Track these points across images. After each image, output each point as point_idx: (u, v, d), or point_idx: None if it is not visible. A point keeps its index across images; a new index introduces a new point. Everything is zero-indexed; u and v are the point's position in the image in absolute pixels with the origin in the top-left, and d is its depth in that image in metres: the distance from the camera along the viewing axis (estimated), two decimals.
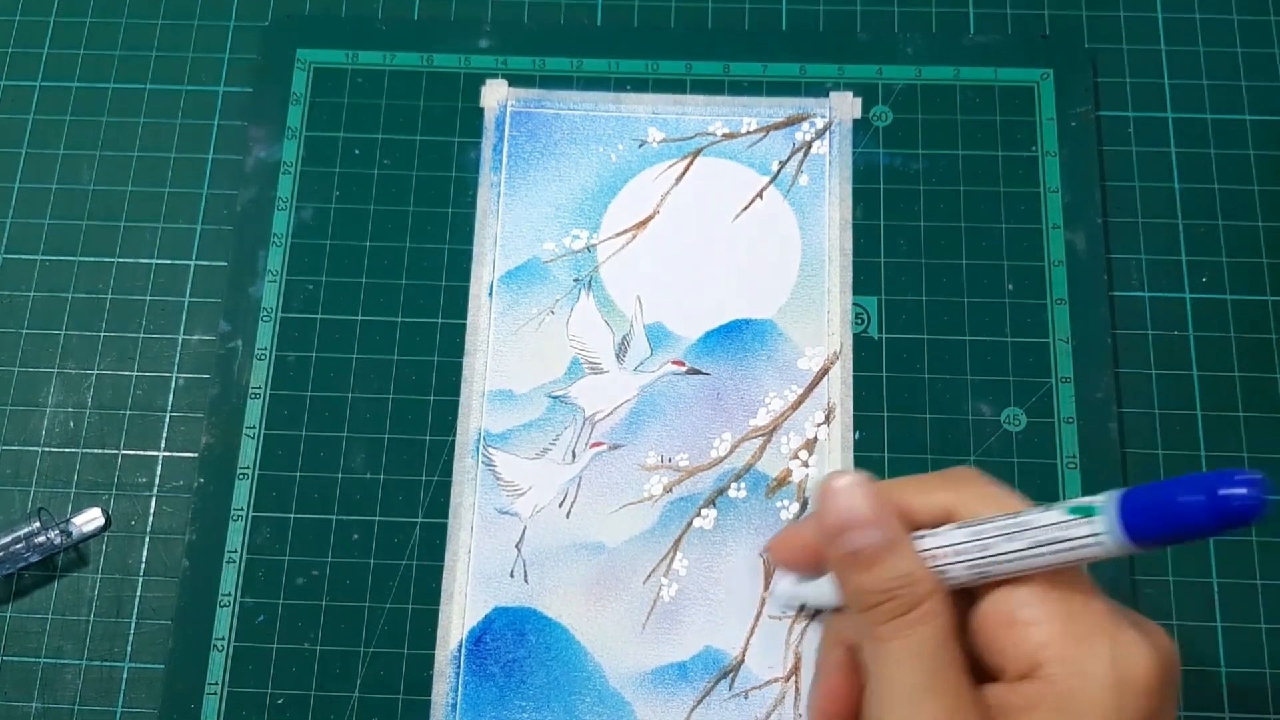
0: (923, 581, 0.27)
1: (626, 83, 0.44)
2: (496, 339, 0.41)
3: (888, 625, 0.27)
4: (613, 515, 0.39)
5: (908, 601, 0.27)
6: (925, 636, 0.27)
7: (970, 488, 0.29)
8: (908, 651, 0.27)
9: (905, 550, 0.28)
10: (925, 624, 0.27)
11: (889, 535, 0.28)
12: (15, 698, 0.38)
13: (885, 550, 0.28)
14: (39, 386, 0.42)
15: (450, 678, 0.38)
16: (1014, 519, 0.27)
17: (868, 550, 0.28)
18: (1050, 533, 0.26)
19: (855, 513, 0.28)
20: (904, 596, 0.27)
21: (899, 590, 0.27)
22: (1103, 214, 0.42)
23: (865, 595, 0.28)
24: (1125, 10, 0.45)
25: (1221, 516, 0.23)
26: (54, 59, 0.46)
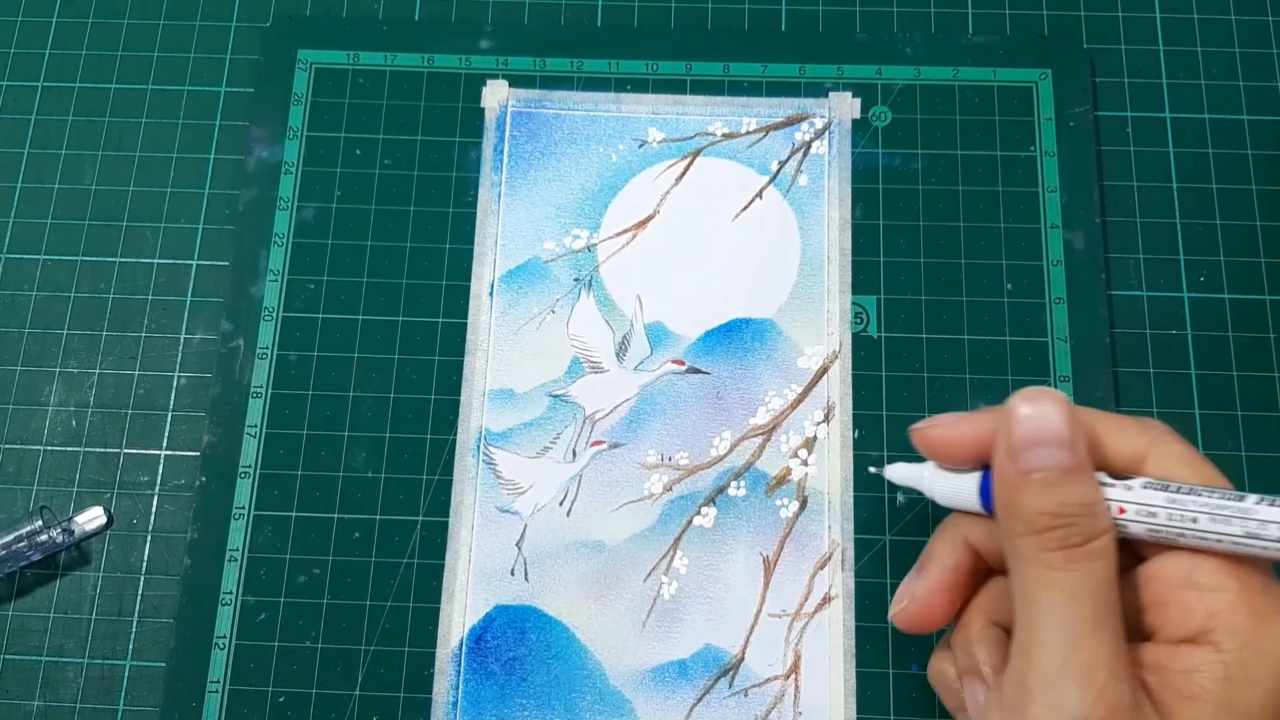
0: (1100, 516, 0.26)
1: (626, 83, 0.44)
2: (497, 338, 0.42)
3: (1058, 553, 0.26)
4: (613, 514, 0.40)
5: (1084, 532, 0.26)
6: (1097, 572, 0.26)
7: (1168, 443, 0.28)
8: (1078, 586, 0.26)
9: (1091, 479, 0.27)
10: (1099, 560, 0.26)
11: (1079, 459, 0.27)
12: (17, 696, 0.38)
13: (1074, 474, 0.27)
14: (41, 386, 0.42)
15: (451, 676, 0.38)
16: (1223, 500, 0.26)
17: (1056, 470, 0.27)
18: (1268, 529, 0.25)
19: (1051, 429, 0.27)
20: (1079, 527, 0.26)
21: (1079, 518, 0.26)
22: (1101, 214, 0.43)
23: (1039, 517, 0.27)
24: (1124, 10, 0.46)
25: None
26: (56, 59, 0.46)
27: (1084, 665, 0.25)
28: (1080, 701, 0.25)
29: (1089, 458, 0.27)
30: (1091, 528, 0.26)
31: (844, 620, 0.38)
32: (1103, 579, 0.26)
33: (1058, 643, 0.26)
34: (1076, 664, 0.25)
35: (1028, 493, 0.27)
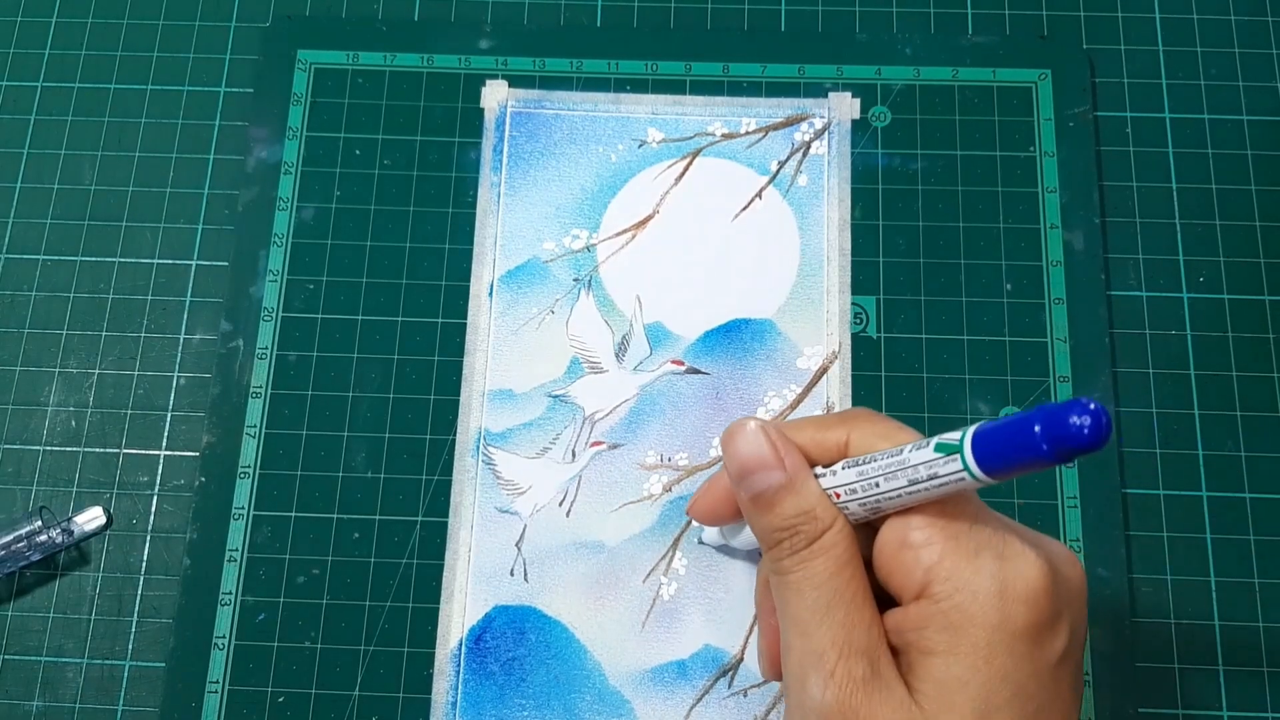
0: (823, 516, 0.28)
1: (626, 83, 0.44)
2: (496, 338, 0.42)
3: (789, 559, 0.28)
4: (612, 514, 0.40)
5: (808, 535, 0.28)
6: (821, 566, 0.28)
7: (863, 424, 0.30)
8: (805, 580, 0.28)
9: (805, 488, 0.29)
10: (822, 554, 0.28)
11: (790, 474, 0.29)
12: (16, 696, 0.38)
13: (785, 489, 0.29)
14: (41, 386, 0.42)
15: (450, 676, 0.38)
16: (891, 459, 0.27)
17: (769, 490, 0.29)
18: (921, 470, 0.26)
19: (756, 455, 0.29)
20: (805, 531, 0.28)
21: (800, 525, 0.28)
22: (1100, 214, 0.43)
23: (771, 534, 0.29)
24: (1123, 11, 0.46)
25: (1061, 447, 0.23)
26: (55, 59, 0.46)
27: (815, 652, 0.27)
28: (818, 686, 0.27)
29: (801, 467, 0.29)
30: (813, 529, 0.28)
31: None
32: (829, 567, 0.28)
33: (796, 638, 0.28)
34: (809, 653, 0.27)
35: (757, 516, 0.30)
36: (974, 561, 0.26)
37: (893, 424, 0.30)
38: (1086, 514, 0.39)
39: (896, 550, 0.28)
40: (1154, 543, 0.39)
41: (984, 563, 0.26)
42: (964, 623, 0.26)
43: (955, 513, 0.27)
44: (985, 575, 0.26)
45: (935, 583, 0.27)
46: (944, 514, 0.27)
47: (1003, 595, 0.26)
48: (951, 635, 0.26)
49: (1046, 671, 0.26)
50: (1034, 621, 0.26)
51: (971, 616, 0.26)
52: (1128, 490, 0.40)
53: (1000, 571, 0.26)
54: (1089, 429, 0.23)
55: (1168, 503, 0.40)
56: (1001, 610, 0.26)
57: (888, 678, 0.27)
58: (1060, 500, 0.39)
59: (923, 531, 0.27)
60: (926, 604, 0.27)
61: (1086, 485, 0.39)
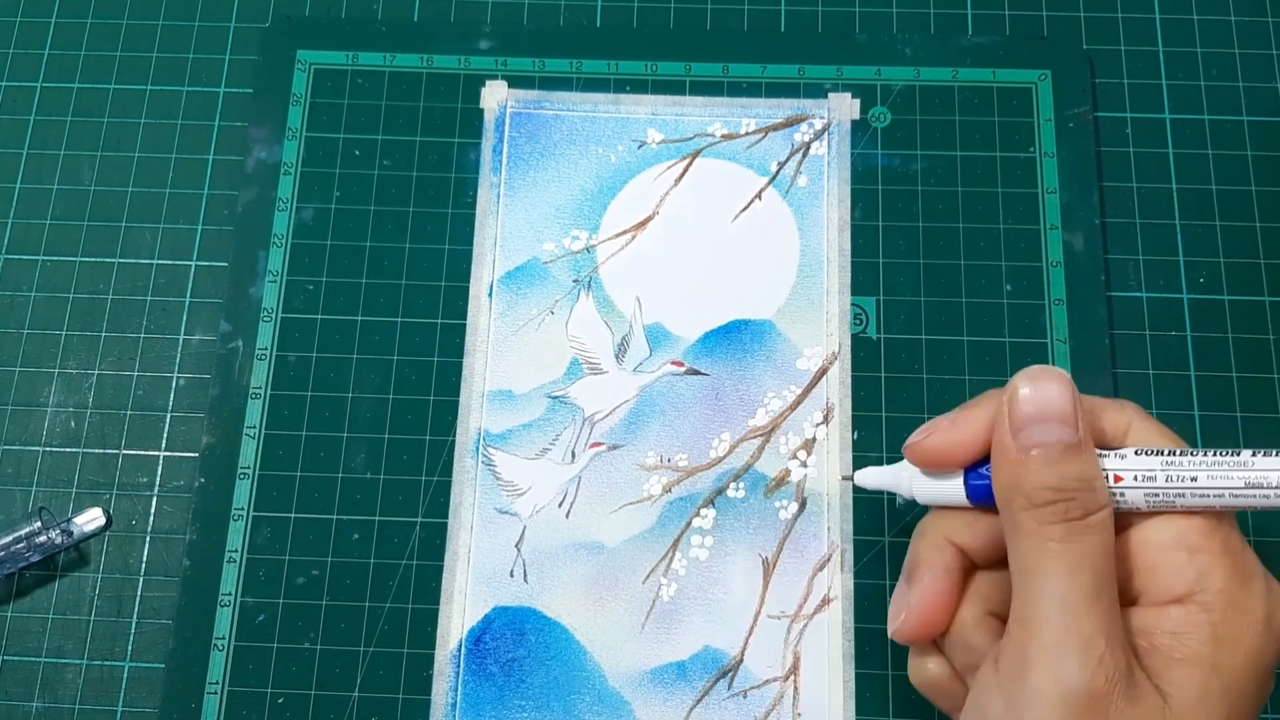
0: (1099, 491, 0.27)
1: (626, 84, 0.44)
2: (496, 339, 0.42)
3: (1059, 526, 0.27)
4: (612, 515, 0.40)
5: (1084, 506, 0.27)
6: (1097, 545, 0.27)
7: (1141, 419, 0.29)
8: (1078, 558, 0.26)
9: (1092, 455, 0.28)
10: (1098, 533, 0.27)
11: (1081, 435, 0.27)
12: (16, 697, 0.38)
13: (1075, 450, 0.27)
14: (40, 386, 0.42)
15: (450, 677, 0.38)
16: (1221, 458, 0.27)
17: (1058, 447, 0.27)
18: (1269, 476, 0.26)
19: (1055, 405, 0.28)
20: (1079, 502, 0.27)
21: (1079, 493, 0.27)
22: (1100, 215, 0.43)
23: (1040, 492, 0.27)
24: (1123, 11, 0.46)
25: None
26: (55, 60, 0.46)
27: (1085, 635, 0.26)
28: (1082, 670, 0.25)
29: (1089, 435, 0.28)
30: (1091, 502, 0.27)
31: (843, 622, 0.38)
32: (1102, 551, 0.27)
33: (1059, 613, 0.26)
34: (1078, 634, 0.26)
35: (1029, 468, 0.27)
36: (1250, 585, 0.26)
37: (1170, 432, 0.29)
38: None
39: (1165, 549, 0.27)
40: None
41: (1259, 590, 0.26)
42: (1231, 639, 0.26)
43: (1230, 529, 0.27)
44: (1258, 600, 0.26)
45: (1206, 593, 0.26)
46: (1220, 525, 0.27)
47: (1268, 624, 0.26)
48: (1215, 648, 0.26)
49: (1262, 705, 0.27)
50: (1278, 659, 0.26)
51: (1239, 636, 0.26)
52: None
53: (1271, 602, 0.26)
54: None
55: None
56: (1266, 639, 0.26)
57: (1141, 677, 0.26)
58: None
59: (1199, 538, 0.27)
60: (1193, 611, 0.26)
61: None
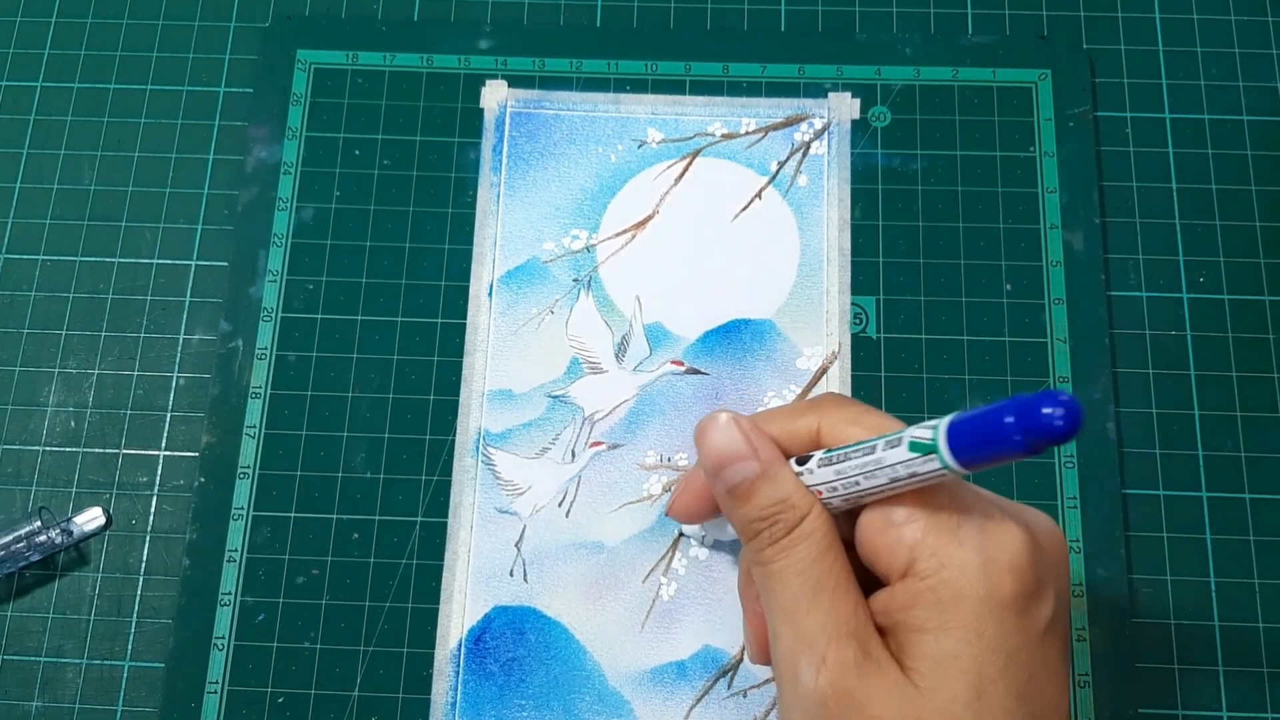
0: (799, 504, 0.29)
1: (626, 83, 0.44)
2: (496, 339, 0.42)
3: (770, 549, 0.29)
4: (612, 515, 0.40)
5: (786, 524, 0.28)
6: (803, 553, 0.28)
7: (832, 411, 0.30)
8: (788, 569, 0.28)
9: (779, 476, 0.29)
10: (802, 541, 0.28)
11: (763, 464, 0.29)
12: (16, 696, 0.38)
13: (760, 480, 0.29)
14: (40, 386, 0.42)
15: (450, 676, 0.38)
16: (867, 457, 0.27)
17: (745, 482, 0.29)
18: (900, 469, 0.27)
19: (729, 448, 0.29)
20: (783, 520, 0.29)
21: (778, 514, 0.29)
22: (1100, 214, 0.43)
23: (749, 525, 0.29)
24: (1123, 11, 0.46)
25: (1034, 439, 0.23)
26: (55, 59, 0.46)
27: (805, 640, 0.27)
28: (807, 673, 0.27)
29: (774, 457, 0.30)
30: (791, 518, 0.29)
31: None
32: (810, 554, 0.28)
33: (782, 626, 0.28)
34: (799, 640, 0.27)
35: (734, 508, 0.30)
36: (956, 535, 0.27)
37: (860, 407, 0.30)
38: (1086, 514, 0.39)
39: (879, 531, 0.28)
40: (1154, 543, 0.39)
41: (966, 536, 0.27)
42: (952, 597, 0.26)
43: (934, 490, 0.27)
44: (969, 548, 0.26)
45: (920, 559, 0.27)
46: (923, 491, 0.27)
47: (987, 567, 0.26)
48: (940, 611, 0.26)
49: (1036, 640, 0.27)
50: (1020, 591, 0.26)
51: (959, 591, 0.26)
52: (1128, 491, 0.40)
53: (983, 544, 0.26)
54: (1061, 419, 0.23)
55: (1168, 503, 0.40)
56: (988, 582, 0.26)
57: (880, 658, 0.27)
58: (1060, 500, 0.39)
59: (904, 510, 0.27)
60: (913, 581, 0.27)
61: (1086, 486, 0.39)
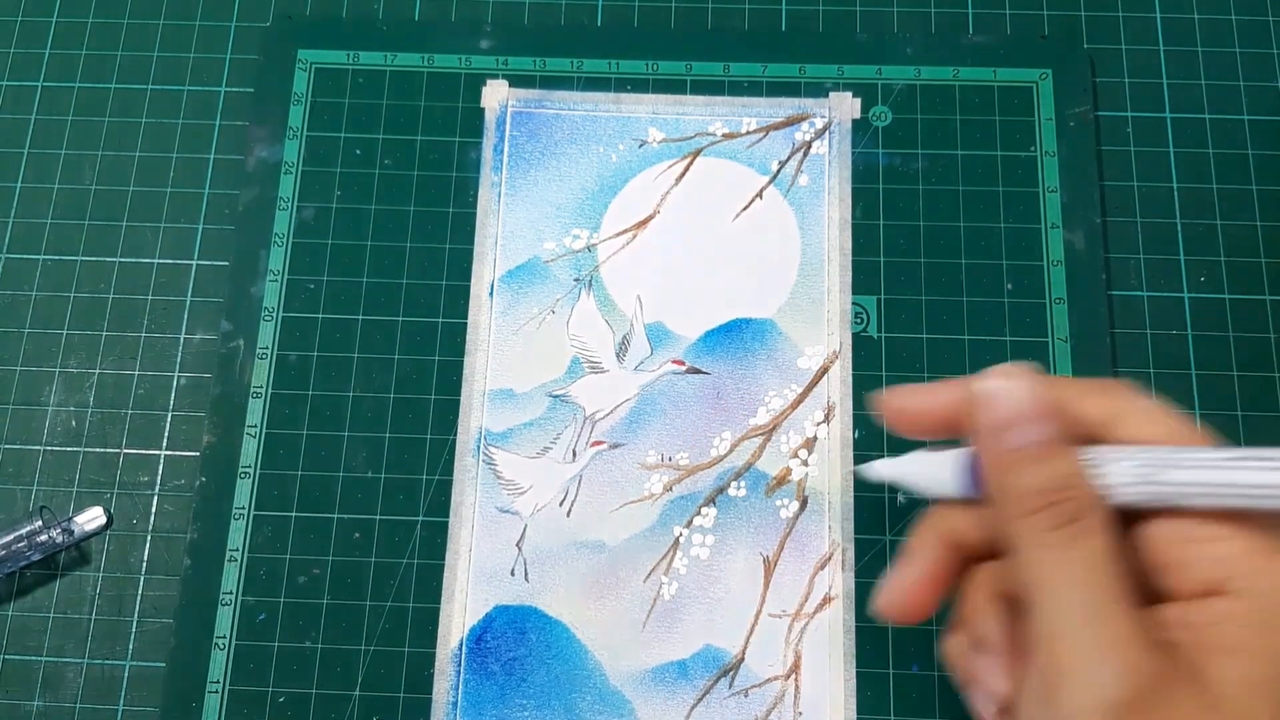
0: (1089, 490, 0.26)
1: (627, 83, 0.44)
2: (497, 338, 0.42)
3: (1053, 534, 0.26)
4: (613, 514, 0.40)
5: (1072, 510, 0.26)
6: (1097, 548, 0.26)
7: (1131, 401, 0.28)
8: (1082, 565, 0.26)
9: (1069, 453, 0.27)
10: (1096, 535, 0.26)
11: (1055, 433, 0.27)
12: (17, 696, 0.38)
13: (1050, 450, 0.26)
14: (41, 386, 0.42)
15: (451, 676, 0.38)
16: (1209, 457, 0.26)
17: (1032, 448, 0.26)
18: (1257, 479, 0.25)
19: (1028, 404, 0.27)
20: (1069, 504, 0.26)
21: (1066, 495, 0.26)
22: (1101, 214, 0.43)
23: (1025, 498, 0.26)
24: (1124, 11, 0.46)
25: None
26: (56, 59, 0.46)
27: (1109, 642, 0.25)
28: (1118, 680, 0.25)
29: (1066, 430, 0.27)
30: (1078, 504, 0.26)
31: (844, 620, 0.38)
32: (1106, 552, 0.26)
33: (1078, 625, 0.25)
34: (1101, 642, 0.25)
35: (1014, 472, 0.27)
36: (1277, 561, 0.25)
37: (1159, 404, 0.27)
38: None
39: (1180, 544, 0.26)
40: None
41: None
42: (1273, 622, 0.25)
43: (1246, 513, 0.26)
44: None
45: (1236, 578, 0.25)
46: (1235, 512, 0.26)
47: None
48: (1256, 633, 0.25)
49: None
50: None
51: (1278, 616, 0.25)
52: None
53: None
54: None
55: None
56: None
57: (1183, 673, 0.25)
58: None
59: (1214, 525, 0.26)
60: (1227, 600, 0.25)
61: None
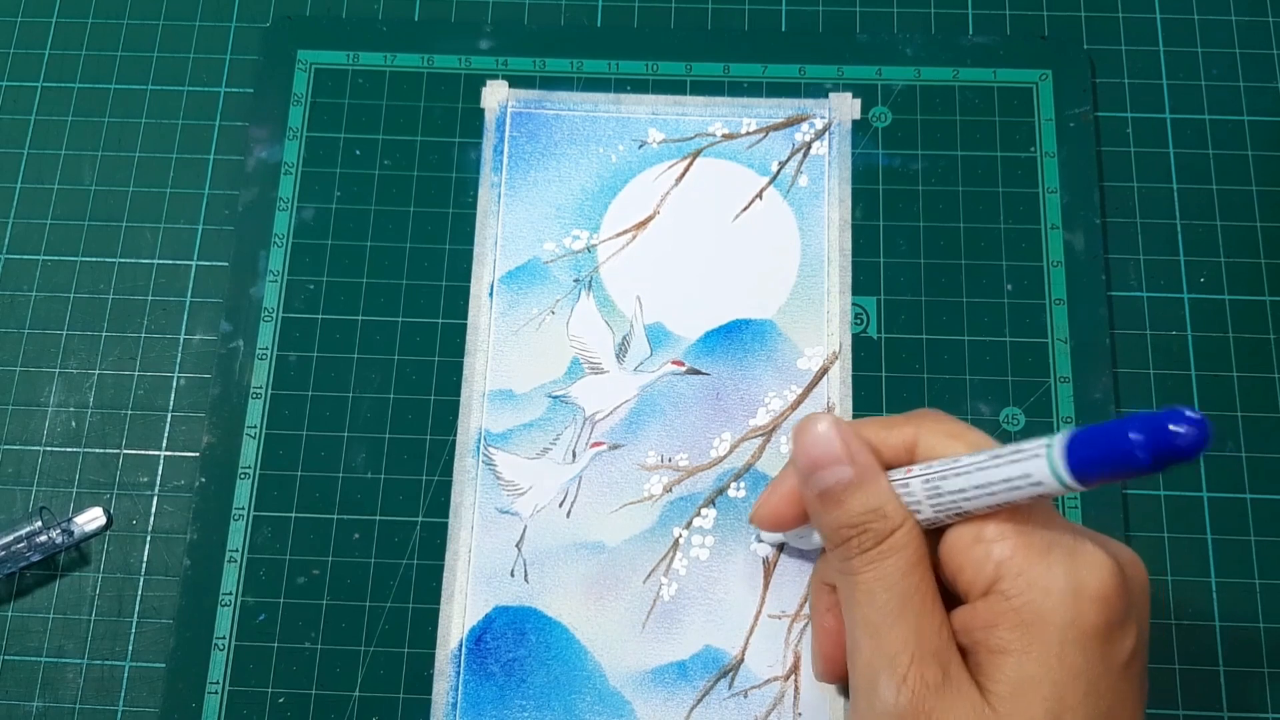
0: (893, 515, 0.28)
1: (626, 83, 0.44)
2: (497, 339, 0.42)
3: (858, 558, 0.28)
4: (613, 515, 0.40)
5: (877, 534, 0.28)
6: (893, 566, 0.28)
7: (931, 423, 0.30)
8: (876, 581, 0.28)
9: (875, 485, 0.29)
10: (893, 554, 0.28)
11: (859, 470, 0.29)
12: (17, 697, 0.38)
13: (855, 486, 0.29)
14: (41, 386, 0.42)
15: (450, 677, 0.38)
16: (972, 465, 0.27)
17: (839, 486, 0.29)
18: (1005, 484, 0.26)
19: (826, 451, 0.29)
20: (874, 529, 0.28)
21: (870, 524, 0.28)
22: (1101, 214, 0.43)
23: (838, 531, 0.29)
24: (1124, 11, 0.46)
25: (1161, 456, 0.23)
26: (56, 60, 0.46)
27: (887, 655, 0.27)
28: (888, 690, 0.26)
29: (871, 464, 0.29)
30: (883, 528, 0.28)
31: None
32: (900, 567, 0.28)
33: (865, 639, 0.28)
34: (881, 655, 0.27)
35: (824, 512, 0.29)
36: (1046, 559, 0.26)
37: (960, 424, 0.30)
38: (1086, 514, 0.39)
39: (967, 546, 0.27)
40: (1154, 543, 0.39)
41: (1056, 561, 0.26)
42: (1036, 620, 0.26)
43: (1027, 512, 0.27)
44: (1058, 573, 0.26)
45: (1007, 579, 0.26)
46: (1016, 513, 0.27)
47: (1076, 594, 0.26)
48: (1024, 633, 0.26)
49: (1116, 671, 0.26)
50: (1106, 621, 0.26)
51: (1044, 614, 0.26)
52: (1128, 490, 0.40)
53: (1072, 569, 0.26)
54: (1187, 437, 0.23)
55: (1168, 503, 0.40)
56: (1075, 609, 0.26)
57: (959, 680, 0.27)
58: (1060, 501, 0.39)
59: (995, 527, 0.27)
60: (998, 600, 0.26)
61: None
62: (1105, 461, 0.24)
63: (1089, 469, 0.25)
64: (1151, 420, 0.23)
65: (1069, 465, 0.25)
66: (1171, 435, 0.23)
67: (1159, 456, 0.23)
